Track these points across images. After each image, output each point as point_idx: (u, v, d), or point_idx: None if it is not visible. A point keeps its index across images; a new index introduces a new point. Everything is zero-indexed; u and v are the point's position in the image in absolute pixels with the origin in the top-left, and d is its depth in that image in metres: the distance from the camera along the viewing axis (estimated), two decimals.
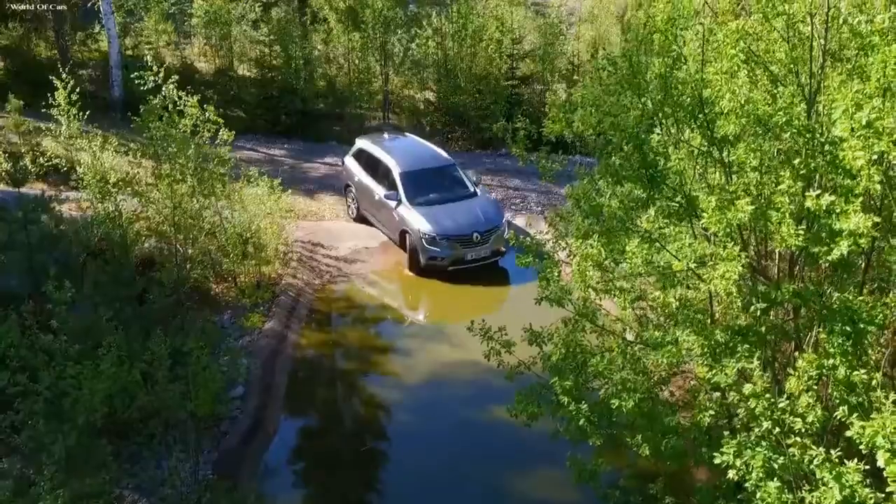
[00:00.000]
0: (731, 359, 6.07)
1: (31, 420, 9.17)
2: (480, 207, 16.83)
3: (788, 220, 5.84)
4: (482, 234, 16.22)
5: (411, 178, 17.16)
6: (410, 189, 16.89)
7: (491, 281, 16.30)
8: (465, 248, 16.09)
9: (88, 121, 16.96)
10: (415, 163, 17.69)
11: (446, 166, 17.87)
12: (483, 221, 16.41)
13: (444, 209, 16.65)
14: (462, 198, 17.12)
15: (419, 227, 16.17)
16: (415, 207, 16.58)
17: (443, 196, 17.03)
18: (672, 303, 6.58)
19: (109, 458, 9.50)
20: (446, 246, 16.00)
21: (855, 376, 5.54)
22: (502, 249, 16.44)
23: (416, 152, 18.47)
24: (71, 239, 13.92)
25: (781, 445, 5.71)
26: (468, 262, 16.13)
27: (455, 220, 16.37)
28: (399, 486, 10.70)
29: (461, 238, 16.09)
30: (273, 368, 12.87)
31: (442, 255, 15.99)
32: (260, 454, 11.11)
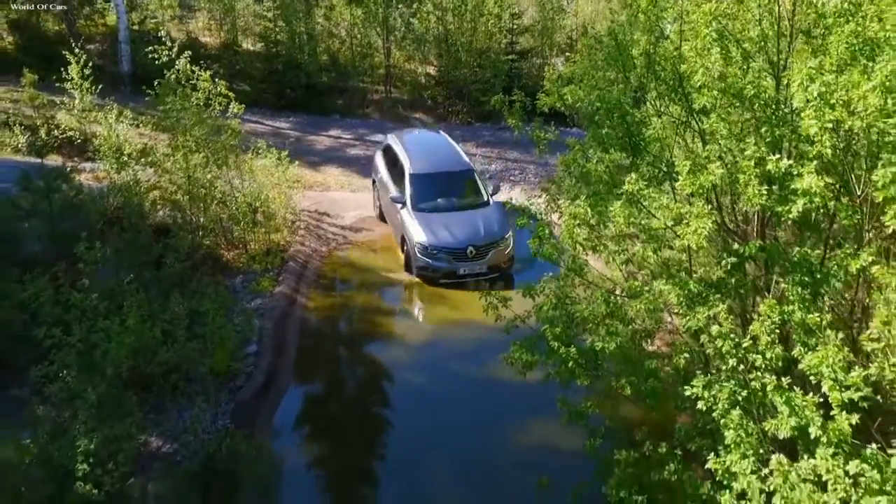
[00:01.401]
0: (703, 307, 6.80)
1: (64, 370, 9.96)
2: (484, 219, 15.79)
3: (754, 182, 6.54)
4: (478, 248, 15.25)
5: (422, 181, 16.33)
6: (418, 192, 16.13)
7: None
8: (458, 261, 15.19)
9: (99, 95, 17.62)
10: (430, 165, 16.77)
11: (463, 171, 16.84)
12: (481, 235, 15.44)
13: (446, 218, 15.80)
14: (471, 207, 16.17)
15: (414, 234, 15.44)
16: (416, 213, 15.81)
17: (451, 203, 16.22)
18: (650, 256, 7.30)
19: (135, 408, 10.29)
20: (438, 258, 15.17)
21: (809, 319, 6.26)
22: (503, 266, 15.54)
23: (436, 154, 17.50)
24: (89, 207, 14.62)
25: (745, 381, 6.47)
26: (461, 277, 15.23)
27: (452, 231, 15.46)
28: (401, 431, 11.49)
29: (454, 251, 15.19)
30: (284, 328, 13.62)
31: (433, 267, 15.18)
32: (273, 407, 11.85)
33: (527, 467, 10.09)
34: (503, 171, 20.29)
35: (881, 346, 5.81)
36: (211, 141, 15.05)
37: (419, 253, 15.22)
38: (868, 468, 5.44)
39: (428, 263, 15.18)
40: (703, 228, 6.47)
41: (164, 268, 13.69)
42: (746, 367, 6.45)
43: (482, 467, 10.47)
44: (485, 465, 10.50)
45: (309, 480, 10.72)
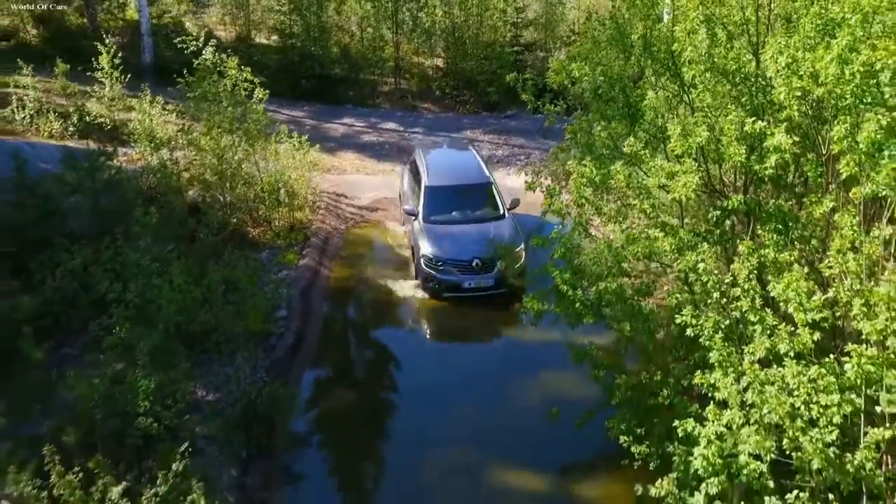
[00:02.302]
0: (692, 252, 7.90)
1: (121, 324, 11.10)
2: (495, 232, 15.37)
3: (734, 143, 7.65)
4: (485, 261, 14.77)
5: (437, 193, 16.09)
6: (432, 205, 15.91)
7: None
8: (463, 274, 14.77)
9: (126, 86, 18.80)
10: (446, 178, 16.56)
11: (480, 185, 16.49)
12: (489, 247, 14.92)
13: (455, 230, 15.54)
14: (484, 220, 15.84)
15: (420, 246, 15.18)
16: (426, 225, 15.59)
17: (465, 216, 15.92)
18: (647, 209, 8.39)
19: (184, 359, 11.45)
20: (443, 270, 14.80)
21: (781, 257, 7.36)
22: (513, 280, 14.82)
23: (455, 167, 17.38)
24: (129, 185, 15.72)
25: (727, 312, 7.59)
26: (465, 291, 14.75)
27: (458, 243, 15.10)
28: (415, 380, 12.77)
29: (459, 263, 14.79)
30: (310, 296, 14.78)
31: (438, 280, 14.82)
32: (303, 363, 12.98)
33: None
34: (509, 156, 21.38)
35: (836, 271, 6.90)
36: (241, 123, 16.15)
37: (424, 265, 14.91)
38: (825, 373, 6.55)
39: (433, 276, 14.83)
40: (691, 182, 7.58)
41: (198, 241, 14.85)
42: (728, 300, 7.56)
43: (497, 412, 11.61)
44: (502, 410, 11.64)
45: (334, 423, 11.82)
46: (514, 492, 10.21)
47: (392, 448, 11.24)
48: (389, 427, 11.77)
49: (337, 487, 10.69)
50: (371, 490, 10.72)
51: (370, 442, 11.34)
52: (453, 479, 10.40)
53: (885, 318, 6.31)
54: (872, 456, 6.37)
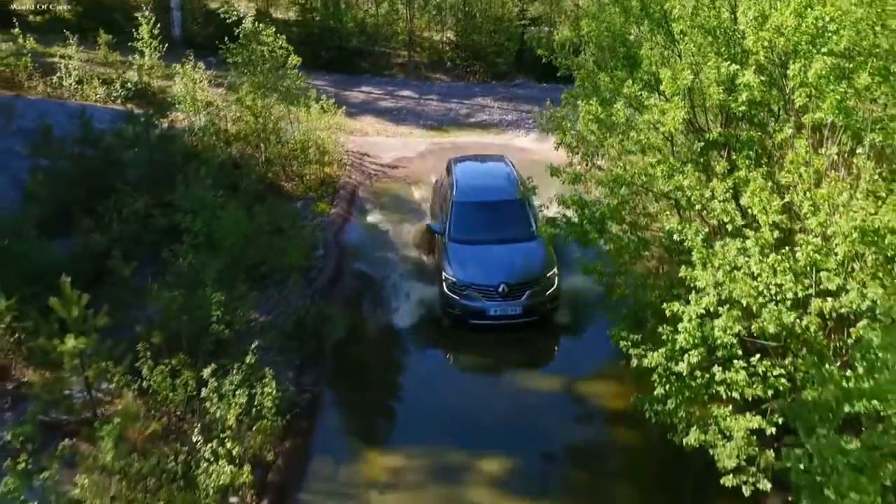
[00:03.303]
0: (679, 174, 9.64)
1: (190, 250, 12.88)
2: (525, 255, 14.17)
3: (714, 84, 9.37)
4: (512, 286, 13.64)
5: (464, 210, 15.09)
6: (460, 222, 14.88)
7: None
8: (488, 300, 13.66)
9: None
10: (476, 194, 15.54)
11: (511, 202, 15.22)
12: (517, 271, 13.81)
13: (482, 252, 14.36)
14: (513, 241, 14.55)
15: (444, 268, 14.16)
16: (451, 245, 14.55)
17: (494, 236, 14.64)
18: (642, 140, 10.12)
19: (242, 283, 13.24)
20: (467, 295, 13.76)
21: (750, 176, 9.09)
22: (543, 308, 13.91)
23: (486, 182, 16.40)
24: (179, 141, 17.47)
25: (706, 221, 9.35)
26: (490, 319, 13.70)
27: (484, 266, 14.01)
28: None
29: (483, 289, 13.72)
30: (342, 238, 16.58)
31: (460, 306, 13.79)
32: (342, 291, 14.79)
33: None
34: (518, 120, 23.10)
35: (791, 180, 8.64)
36: (279, 85, 17.91)
37: (446, 289, 13.89)
38: (782, 259, 8.32)
39: (455, 301, 13.81)
40: (679, 116, 9.33)
41: (241, 190, 16.60)
42: (708, 211, 9.33)
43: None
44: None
45: (371, 337, 13.81)
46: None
47: (418, 355, 13.19)
48: (417, 339, 13.77)
49: (372, 383, 12.50)
50: (399, 384, 12.64)
51: (400, 351, 13.08)
52: (472, 381, 12.27)
53: (825, 214, 8.08)
54: (816, 321, 8.16)
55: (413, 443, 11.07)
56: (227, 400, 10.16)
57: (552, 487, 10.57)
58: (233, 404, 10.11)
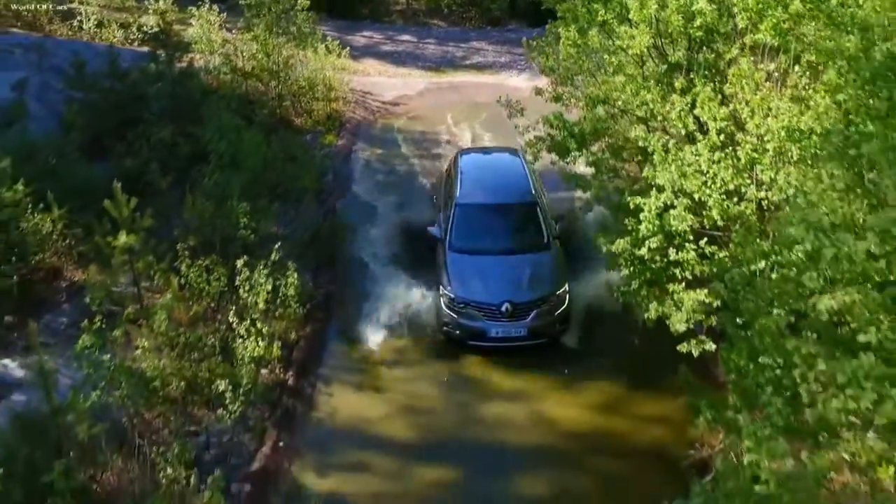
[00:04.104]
0: (646, 91, 11.21)
1: (217, 168, 14.48)
2: (533, 267, 12.92)
3: (676, 13, 10.89)
4: (517, 305, 12.30)
5: (468, 213, 13.62)
6: (462, 228, 13.46)
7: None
8: (489, 320, 12.32)
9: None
10: (482, 194, 14.08)
11: (522, 204, 13.93)
12: (524, 288, 12.52)
13: (486, 263, 12.97)
14: (523, 251, 13.23)
15: (441, 282, 12.84)
16: (451, 255, 13.13)
17: (500, 245, 13.31)
18: (613, 62, 11.67)
19: (263, 199, 14.85)
20: (466, 313, 12.40)
21: (704, 91, 10.65)
22: (553, 330, 12.61)
23: (495, 180, 14.99)
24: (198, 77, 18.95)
25: (667, 131, 10.95)
26: (491, 341, 12.38)
27: (486, 281, 12.62)
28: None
29: (485, 307, 12.36)
30: (348, 166, 18.23)
31: (458, 325, 12.43)
32: (349, 209, 16.43)
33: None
34: (511, 62, 24.56)
35: (734, 90, 10.23)
36: (289, 27, 19.40)
37: (444, 305, 12.55)
38: (725, 157, 9.95)
39: (452, 320, 12.45)
40: (645, 40, 10.90)
41: (255, 122, 18.12)
42: (668, 123, 10.94)
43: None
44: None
45: (377, 245, 15.26)
46: None
47: (415, 260, 14.58)
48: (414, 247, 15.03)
49: (378, 283, 14.07)
50: (400, 277, 14.18)
51: (400, 257, 14.76)
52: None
53: (760, 117, 9.71)
54: (752, 207, 9.82)
55: (415, 330, 12.76)
56: (257, 288, 11.83)
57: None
58: (261, 291, 11.78)
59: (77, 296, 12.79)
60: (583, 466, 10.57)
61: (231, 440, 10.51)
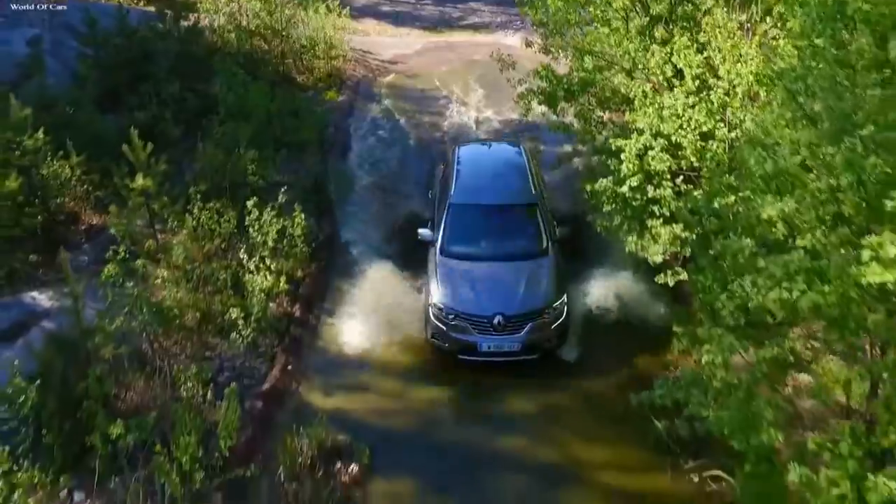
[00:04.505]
0: (627, 42, 11.99)
1: (226, 118, 15.28)
2: (530, 277, 12.02)
3: None
4: (509, 318, 11.50)
5: (463, 214, 12.84)
6: (455, 230, 12.70)
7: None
8: (480, 333, 11.52)
9: None
10: (478, 193, 13.22)
11: (521, 206, 13.14)
12: (518, 300, 11.69)
13: (478, 270, 12.22)
14: (520, 257, 12.35)
15: (430, 290, 12.12)
16: (442, 260, 12.40)
17: (495, 250, 12.47)
18: (598, 15, 12.47)
19: (270, 147, 15.66)
20: (455, 326, 11.58)
21: (682, 40, 11.42)
22: (548, 344, 11.76)
23: (493, 177, 13.99)
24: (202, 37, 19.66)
25: (648, 79, 11.74)
26: (483, 355, 11.60)
27: (478, 290, 11.88)
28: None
29: (475, 320, 11.57)
30: (348, 120, 19.05)
31: (447, 337, 11.65)
32: (349, 160, 17.27)
33: None
34: (507, 22, 25.23)
35: (708, 38, 11.01)
36: None
37: (432, 315, 11.78)
38: (699, 101, 10.75)
39: (441, 331, 11.68)
40: None
41: (259, 77, 18.86)
42: (649, 71, 11.72)
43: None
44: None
45: (374, 193, 16.18)
46: None
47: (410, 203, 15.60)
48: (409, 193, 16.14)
49: (376, 226, 15.00)
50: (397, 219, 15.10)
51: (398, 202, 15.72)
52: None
53: (731, 63, 10.50)
54: (722, 146, 10.65)
55: (411, 268, 13.59)
56: (265, 228, 12.68)
57: None
58: (270, 231, 12.63)
59: (96, 237, 13.66)
60: (567, 388, 11.44)
61: (243, 364, 11.41)
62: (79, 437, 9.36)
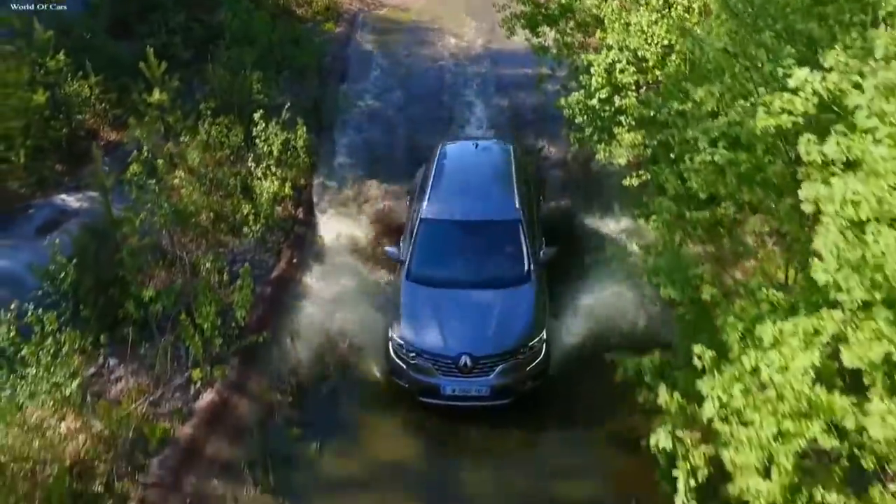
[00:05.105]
0: None
1: (232, 43, 16.44)
2: (505, 310, 10.53)
3: None
4: (478, 359, 10.08)
5: (436, 231, 11.43)
6: (425, 250, 11.25)
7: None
8: (444, 375, 10.12)
9: None
10: (454, 206, 11.67)
11: (503, 223, 11.51)
12: (489, 339, 10.23)
13: (446, 300, 10.72)
14: (496, 285, 10.84)
15: (392, 321, 10.70)
16: (408, 286, 10.96)
17: (469, 275, 11.03)
18: None
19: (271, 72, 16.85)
20: (416, 365, 10.23)
21: None
22: (522, 386, 10.29)
23: (474, 187, 12.43)
24: None
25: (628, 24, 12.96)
26: (447, 399, 10.19)
27: (444, 324, 10.38)
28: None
29: (439, 360, 10.15)
30: (345, 49, 20.33)
31: (407, 377, 10.31)
32: (347, 82, 18.50)
33: None
34: None
35: None
36: None
37: (392, 350, 10.46)
38: (661, 17, 11.97)
39: (400, 369, 10.36)
40: None
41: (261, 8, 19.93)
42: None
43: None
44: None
45: (370, 116, 17.40)
46: None
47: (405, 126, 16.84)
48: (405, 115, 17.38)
49: (372, 143, 16.35)
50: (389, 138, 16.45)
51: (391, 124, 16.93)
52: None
53: None
54: (681, 58, 11.90)
55: (400, 179, 14.87)
56: (271, 139, 13.93)
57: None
58: (275, 142, 13.90)
59: (114, 152, 14.90)
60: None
61: (253, 257, 12.77)
62: (112, 311, 10.77)
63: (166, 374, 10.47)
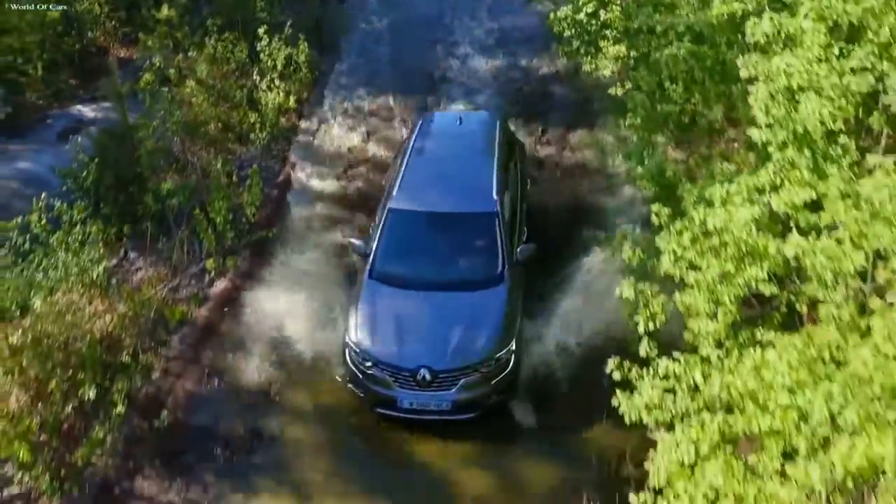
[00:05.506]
0: None
1: None
2: (472, 317, 9.58)
3: None
4: (437, 373, 9.21)
5: (404, 223, 10.47)
6: (392, 244, 10.32)
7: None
8: (401, 387, 9.26)
9: None
10: (426, 195, 10.67)
11: (479, 215, 10.44)
12: (449, 352, 9.30)
13: (409, 303, 9.81)
14: (464, 286, 9.91)
15: (348, 324, 9.73)
16: (370, 284, 10.01)
17: (437, 275, 10.09)
18: None
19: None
20: (371, 375, 9.37)
21: None
22: (490, 399, 9.43)
23: (451, 171, 11.23)
24: None
25: None
26: (405, 412, 9.37)
27: (403, 332, 9.53)
28: None
29: (396, 371, 9.29)
30: None
31: (363, 387, 9.45)
32: (343, 5, 19.10)
33: None
34: None
35: None
36: None
37: (348, 356, 9.59)
38: None
39: (356, 377, 9.49)
40: None
41: None
42: None
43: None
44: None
45: (369, 37, 18.08)
46: None
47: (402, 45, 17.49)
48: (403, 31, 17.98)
49: (369, 61, 17.06)
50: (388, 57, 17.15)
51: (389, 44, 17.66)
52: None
53: None
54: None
55: (400, 94, 15.67)
56: (275, 54, 14.66)
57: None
58: (279, 56, 14.63)
59: (124, 67, 15.61)
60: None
61: (260, 164, 13.59)
62: (131, 207, 11.67)
63: (183, 264, 11.40)
